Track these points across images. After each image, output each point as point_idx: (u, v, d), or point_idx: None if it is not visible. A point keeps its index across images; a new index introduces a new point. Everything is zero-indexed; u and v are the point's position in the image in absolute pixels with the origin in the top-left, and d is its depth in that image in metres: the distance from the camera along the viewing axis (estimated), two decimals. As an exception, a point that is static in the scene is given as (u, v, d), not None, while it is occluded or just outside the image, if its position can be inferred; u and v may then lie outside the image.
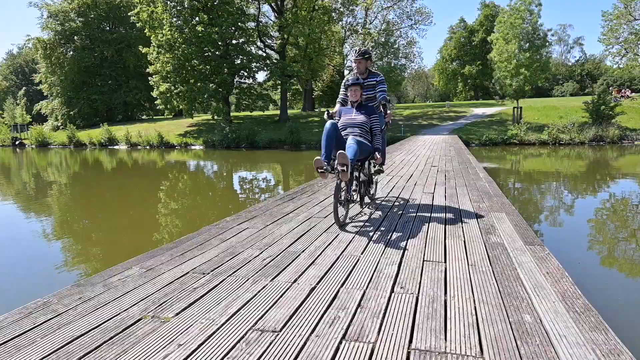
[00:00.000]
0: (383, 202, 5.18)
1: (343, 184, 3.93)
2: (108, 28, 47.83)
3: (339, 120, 4.35)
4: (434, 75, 66.12)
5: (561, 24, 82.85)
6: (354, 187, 4.25)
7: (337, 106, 4.70)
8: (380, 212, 4.61)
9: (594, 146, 22.61)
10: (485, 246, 3.30)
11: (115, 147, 32.64)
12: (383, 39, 37.82)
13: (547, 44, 28.34)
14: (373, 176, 4.98)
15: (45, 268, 5.61)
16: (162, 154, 26.36)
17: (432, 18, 40.55)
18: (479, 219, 4.18)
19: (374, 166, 4.73)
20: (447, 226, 3.94)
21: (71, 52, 45.45)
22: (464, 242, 3.43)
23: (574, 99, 39.11)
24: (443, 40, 61.40)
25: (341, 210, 4.00)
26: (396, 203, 5.12)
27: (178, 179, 14.96)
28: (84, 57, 44.40)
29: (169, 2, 29.88)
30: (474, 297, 2.37)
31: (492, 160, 17.68)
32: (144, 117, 51.11)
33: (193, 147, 29.45)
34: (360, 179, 4.41)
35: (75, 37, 45.07)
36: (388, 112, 4.57)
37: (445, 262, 2.96)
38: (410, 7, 40.31)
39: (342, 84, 4.69)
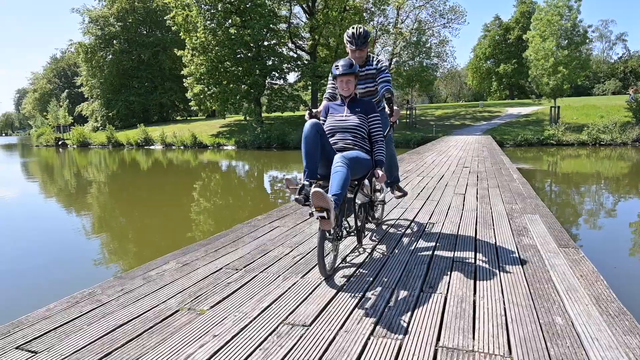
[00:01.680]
0: (413, 203, 5.16)
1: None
2: (145, 32, 49.37)
3: (324, 122, 3.20)
4: (467, 74, 64.82)
5: (603, 20, 79.82)
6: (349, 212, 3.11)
7: (324, 103, 3.43)
8: (410, 213, 4.61)
9: (637, 147, 21.61)
10: (517, 248, 3.26)
11: (151, 147, 33.67)
12: (415, 39, 37.39)
13: (587, 40, 27.28)
14: (379, 193, 3.86)
15: (86, 262, 5.89)
16: (195, 154, 27.01)
17: (465, 17, 39.63)
18: (511, 221, 4.12)
19: (378, 185, 3.70)
20: (478, 227, 3.91)
21: (110, 56, 47.21)
22: (495, 243, 3.40)
23: (616, 97, 37.50)
24: (477, 39, 60.00)
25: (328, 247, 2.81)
26: (426, 204, 5.10)
27: (211, 179, 15.32)
28: (122, 60, 46.08)
29: (203, 6, 30.55)
30: (503, 298, 2.37)
31: (527, 161, 17.20)
32: (178, 117, 52.50)
33: (225, 148, 30.01)
34: (359, 202, 3.23)
35: (114, 41, 46.77)
36: (395, 108, 3.30)
37: (475, 262, 2.95)
38: (443, 5, 39.62)
39: (331, 72, 3.26)
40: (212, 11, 30.82)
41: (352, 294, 2.46)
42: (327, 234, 2.71)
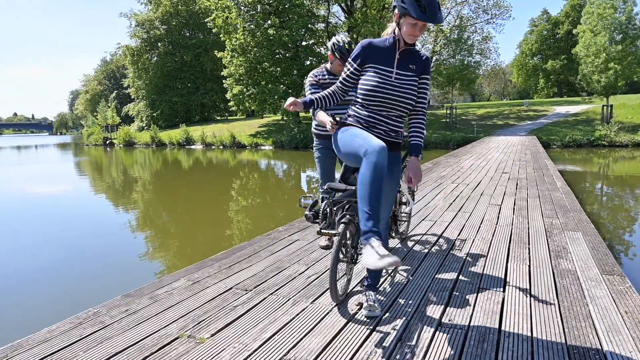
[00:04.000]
0: (443, 215, 4.89)
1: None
2: (188, 34, 50.84)
3: (357, 74, 2.31)
4: (511, 71, 62.30)
5: (663, 11, 74.27)
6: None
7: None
8: (438, 227, 4.35)
9: (700, 149, 19.96)
10: (553, 273, 2.96)
11: (192, 146, 34.52)
12: (455, 36, 36.29)
13: (644, 34, 25.54)
14: (405, 206, 3.59)
15: (125, 261, 6.00)
16: (234, 153, 27.41)
17: (510, 12, 37.95)
18: (549, 239, 3.78)
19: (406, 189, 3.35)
20: (511, 246, 3.61)
21: (155, 58, 49.00)
22: (529, 267, 3.10)
23: (677, 94, 34.89)
24: (523, 34, 57.61)
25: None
26: (457, 216, 4.81)
27: (249, 179, 15.44)
28: (166, 62, 47.70)
29: (242, 8, 30.98)
30: (532, 337, 2.11)
31: (575, 163, 16.23)
32: (218, 117, 53.64)
33: (263, 148, 30.30)
34: None
35: (159, 44, 48.47)
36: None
37: (503, 291, 2.69)
38: (486, 1, 38.22)
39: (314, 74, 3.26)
40: (251, 12, 31.19)
41: (363, 326, 2.27)
42: (341, 255, 2.50)
